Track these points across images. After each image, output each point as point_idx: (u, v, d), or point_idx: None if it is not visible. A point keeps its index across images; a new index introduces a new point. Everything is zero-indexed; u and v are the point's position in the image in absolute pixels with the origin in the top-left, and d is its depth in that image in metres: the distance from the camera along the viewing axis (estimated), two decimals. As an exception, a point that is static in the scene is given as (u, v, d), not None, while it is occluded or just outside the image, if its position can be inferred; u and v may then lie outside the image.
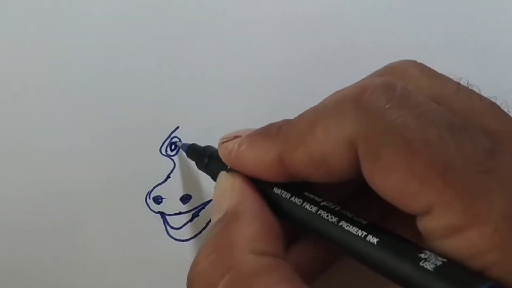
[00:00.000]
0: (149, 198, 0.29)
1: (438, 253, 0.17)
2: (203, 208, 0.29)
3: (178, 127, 0.29)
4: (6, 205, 0.27)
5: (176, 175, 0.29)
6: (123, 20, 0.28)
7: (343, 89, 0.20)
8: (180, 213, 0.29)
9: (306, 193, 0.21)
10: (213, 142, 0.29)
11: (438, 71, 0.21)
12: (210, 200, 0.30)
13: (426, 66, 0.21)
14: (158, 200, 0.29)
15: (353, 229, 0.19)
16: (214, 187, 0.23)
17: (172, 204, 0.29)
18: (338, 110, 0.19)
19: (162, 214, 0.29)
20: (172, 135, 0.29)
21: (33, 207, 0.27)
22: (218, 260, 0.20)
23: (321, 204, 0.20)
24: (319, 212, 0.20)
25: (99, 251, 0.28)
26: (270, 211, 0.21)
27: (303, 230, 0.22)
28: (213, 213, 0.22)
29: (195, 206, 0.29)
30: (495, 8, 0.32)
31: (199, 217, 0.29)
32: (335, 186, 0.21)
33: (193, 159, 0.27)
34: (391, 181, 0.17)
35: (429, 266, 0.16)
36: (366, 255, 0.18)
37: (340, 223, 0.19)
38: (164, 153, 0.29)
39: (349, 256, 0.19)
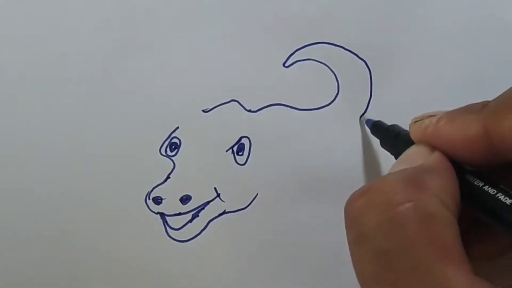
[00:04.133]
0: (149, 199, 0.29)
1: None
2: (203, 208, 0.29)
3: (178, 127, 0.29)
4: (5, 205, 0.27)
5: (176, 175, 0.29)
6: (123, 20, 0.28)
7: None
8: (179, 214, 0.29)
9: (501, 186, 0.20)
10: (214, 141, 0.29)
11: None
12: (210, 201, 0.29)
13: None
14: (157, 200, 0.29)
15: None
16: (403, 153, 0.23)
17: (171, 204, 0.29)
18: None
19: (162, 215, 0.29)
20: (172, 135, 0.29)
21: (33, 208, 0.27)
22: (404, 186, 0.19)
23: None
24: None
25: (99, 252, 0.28)
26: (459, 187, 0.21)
27: (489, 222, 0.21)
28: (399, 164, 0.22)
29: (195, 206, 0.29)
30: None
31: (199, 217, 0.29)
32: None
33: (377, 137, 0.27)
34: None
35: None
36: None
37: None
38: (164, 153, 0.29)
39: None
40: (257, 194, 0.30)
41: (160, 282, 0.29)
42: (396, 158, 0.24)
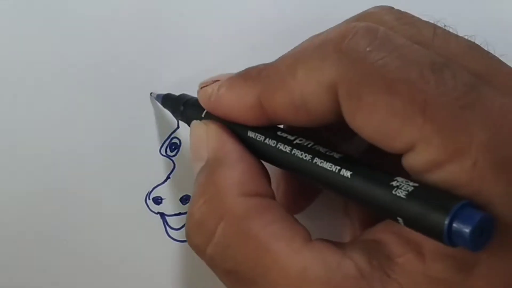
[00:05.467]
0: (149, 199, 0.29)
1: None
2: (203, 208, 0.29)
3: (178, 127, 0.29)
4: (6, 205, 0.27)
5: (176, 175, 0.29)
6: (123, 19, 0.28)
7: (322, 33, 0.20)
8: (180, 214, 0.29)
9: (279, 133, 0.21)
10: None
11: (414, 12, 0.21)
12: (210, 201, 0.29)
13: (401, 12, 0.21)
14: (157, 200, 0.29)
15: (327, 165, 0.19)
16: (190, 136, 0.23)
17: (171, 204, 0.29)
18: (320, 53, 0.19)
19: (162, 215, 0.29)
20: (172, 136, 0.29)
21: (33, 208, 0.27)
22: (209, 209, 0.20)
23: (295, 142, 0.20)
24: (293, 152, 0.20)
25: (99, 252, 0.28)
26: (250, 153, 0.22)
27: (282, 169, 0.22)
28: (193, 163, 0.22)
29: (195, 206, 0.29)
30: None
31: (199, 217, 0.29)
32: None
33: (168, 109, 0.27)
34: (372, 122, 0.18)
35: (401, 193, 0.17)
36: (341, 188, 0.19)
37: (314, 160, 0.19)
38: (164, 153, 0.29)
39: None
40: (257, 194, 0.30)
41: (160, 282, 0.29)
42: (188, 124, 0.24)
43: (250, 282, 0.19)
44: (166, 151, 0.29)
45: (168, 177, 0.29)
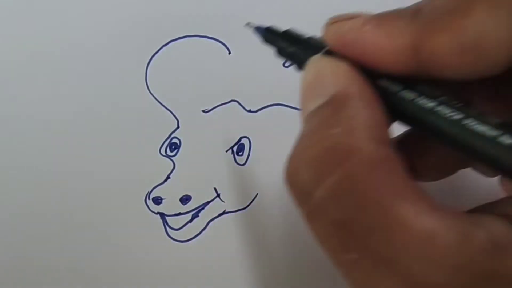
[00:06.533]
0: (149, 199, 0.29)
1: None
2: (203, 208, 0.29)
3: (178, 127, 0.29)
4: (6, 205, 0.27)
5: (176, 175, 0.29)
6: (125, 20, 0.28)
7: None
8: (179, 214, 0.29)
9: (419, 86, 0.18)
10: (214, 141, 0.29)
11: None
12: (210, 201, 0.29)
13: None
14: (157, 200, 0.29)
15: (481, 128, 0.16)
16: (304, 74, 0.19)
17: (171, 204, 0.29)
18: None
19: (162, 215, 0.29)
20: (172, 136, 0.29)
21: (33, 208, 0.27)
22: (333, 144, 0.17)
23: (439, 99, 0.17)
24: (437, 109, 0.17)
25: (99, 252, 0.28)
26: (380, 100, 0.18)
27: (417, 130, 0.18)
28: (308, 101, 0.19)
29: (195, 207, 0.29)
30: None
31: (198, 217, 0.29)
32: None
33: (273, 45, 0.22)
34: None
35: None
36: (497, 159, 0.15)
37: (464, 121, 0.16)
38: (164, 153, 0.29)
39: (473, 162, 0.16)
40: (257, 194, 0.30)
41: (160, 282, 0.29)
42: (299, 67, 0.20)
43: (365, 234, 0.16)
44: (166, 151, 0.29)
45: (168, 177, 0.29)
